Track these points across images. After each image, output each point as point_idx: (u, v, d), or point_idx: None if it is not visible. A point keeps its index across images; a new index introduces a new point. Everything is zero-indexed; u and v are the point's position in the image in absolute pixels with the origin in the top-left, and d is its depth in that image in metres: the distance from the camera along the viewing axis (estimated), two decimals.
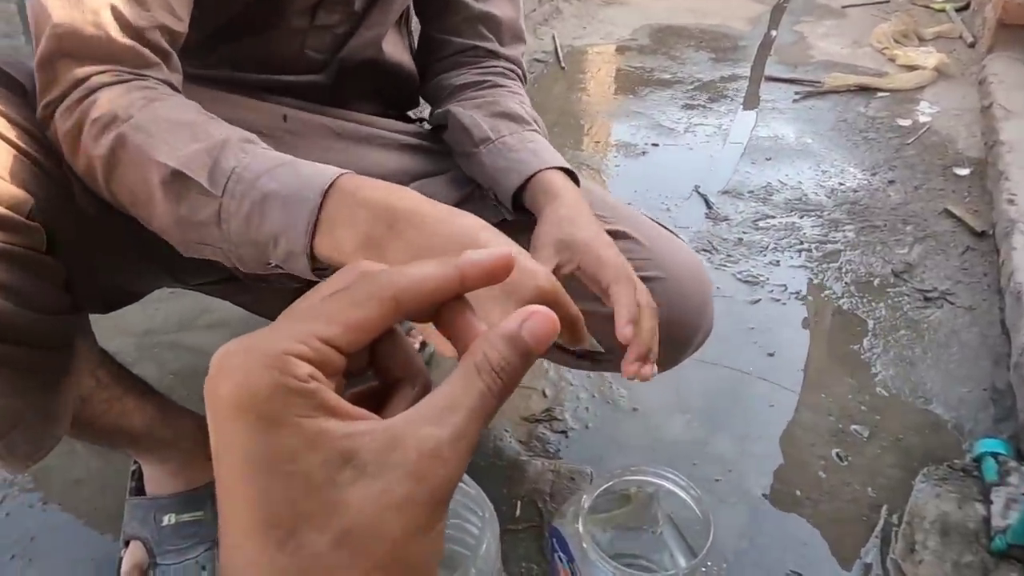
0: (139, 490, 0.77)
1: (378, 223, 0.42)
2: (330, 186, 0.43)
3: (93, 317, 0.64)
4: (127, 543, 0.73)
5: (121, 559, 0.73)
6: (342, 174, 0.44)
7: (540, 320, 0.23)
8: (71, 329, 0.57)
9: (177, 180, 0.46)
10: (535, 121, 0.68)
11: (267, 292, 0.84)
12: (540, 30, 2.83)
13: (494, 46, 0.72)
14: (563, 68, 2.45)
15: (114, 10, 0.49)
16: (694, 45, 2.72)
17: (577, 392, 1.00)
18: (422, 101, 0.79)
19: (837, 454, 0.90)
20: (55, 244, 0.53)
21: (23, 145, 0.51)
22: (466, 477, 0.59)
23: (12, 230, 0.48)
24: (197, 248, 0.49)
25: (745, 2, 3.46)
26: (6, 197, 0.48)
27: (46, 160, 0.52)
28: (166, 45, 0.52)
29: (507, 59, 0.73)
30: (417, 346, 1.04)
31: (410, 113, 0.79)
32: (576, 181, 0.64)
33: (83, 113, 0.48)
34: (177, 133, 0.47)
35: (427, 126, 0.75)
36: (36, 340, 0.51)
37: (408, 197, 0.43)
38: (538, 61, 2.52)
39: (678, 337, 0.66)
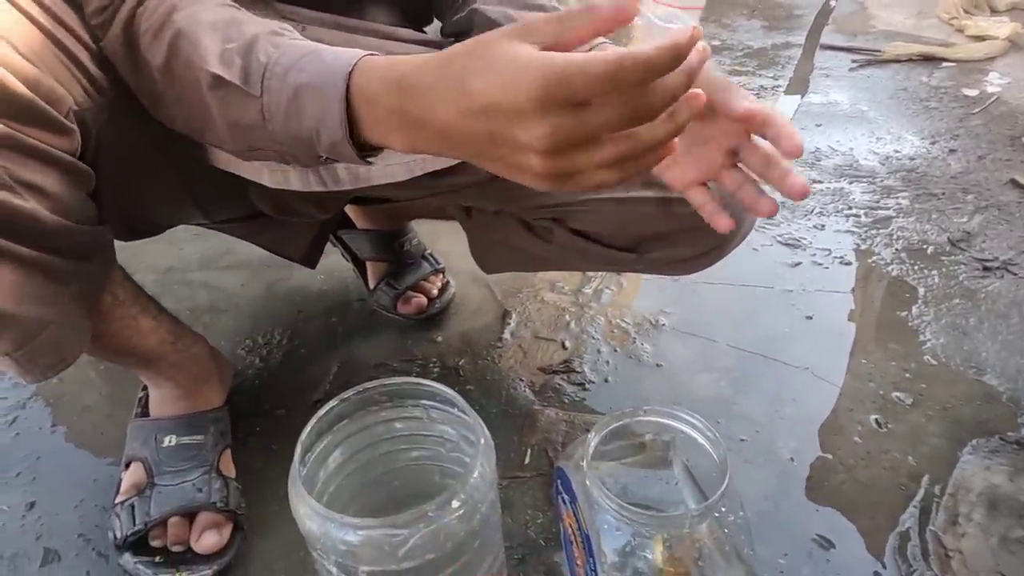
0: (143, 415, 0.77)
1: (401, 97, 0.40)
2: (353, 69, 0.41)
3: (123, 251, 0.63)
4: (128, 465, 0.72)
5: (121, 480, 0.72)
6: (364, 56, 0.42)
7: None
8: (98, 241, 0.56)
9: (219, 85, 0.45)
10: None
11: (288, 230, 0.82)
12: None
13: None
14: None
15: None
16: (746, 14, 2.61)
17: (598, 345, 0.95)
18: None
19: (876, 420, 0.83)
20: (86, 151, 0.52)
21: (66, 43, 0.50)
22: (465, 406, 0.55)
23: (50, 128, 0.47)
24: (254, 154, 0.49)
25: None
26: (45, 91, 0.47)
27: (91, 65, 0.51)
28: None
29: None
30: (436, 291, 1.00)
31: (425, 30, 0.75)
32: None
33: (136, 18, 0.48)
34: (214, 35, 0.46)
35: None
36: (66, 248, 0.51)
37: (415, 65, 0.40)
38: None
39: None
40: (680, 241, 0.68)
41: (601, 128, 0.36)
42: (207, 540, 0.67)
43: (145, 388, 0.80)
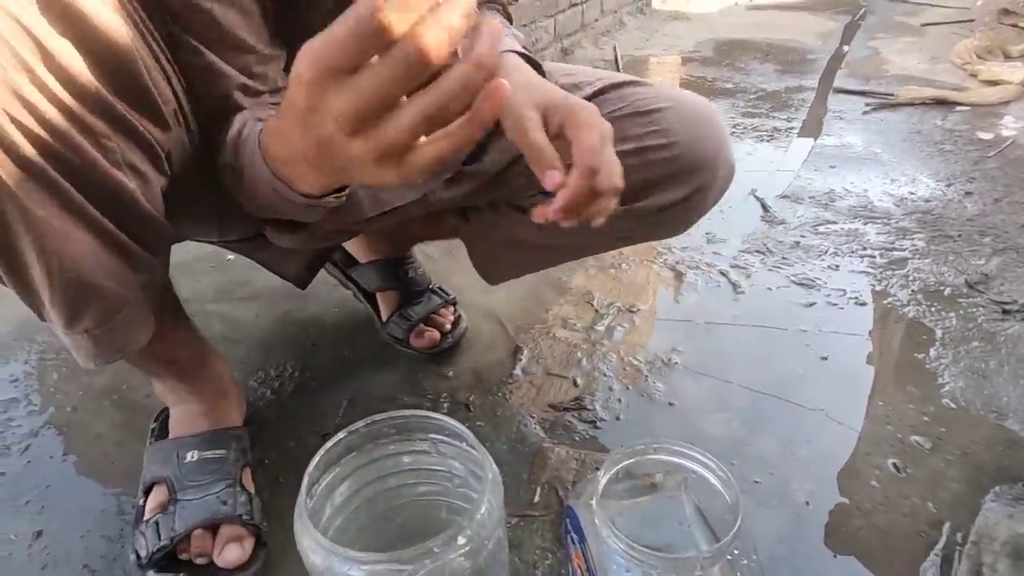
0: (159, 440, 0.77)
1: (276, 144, 0.47)
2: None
3: None
4: (148, 489, 0.72)
5: (140, 507, 0.71)
6: (260, 132, 0.49)
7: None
8: (167, 239, 0.60)
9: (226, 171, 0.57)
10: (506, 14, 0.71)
11: (287, 249, 0.83)
12: (601, 40, 2.81)
13: None
14: None
15: None
16: (760, 58, 2.65)
17: (610, 383, 0.94)
18: None
19: (894, 464, 0.81)
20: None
21: (168, 70, 0.55)
22: (474, 441, 0.55)
23: (158, 123, 0.52)
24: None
25: (817, 19, 3.36)
26: (160, 91, 0.51)
27: (183, 96, 0.56)
28: None
29: None
30: (449, 326, 1.01)
31: None
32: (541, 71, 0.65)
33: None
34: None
35: None
36: (147, 238, 0.54)
37: (279, 132, 0.46)
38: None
39: (699, 162, 0.68)
40: (661, 186, 0.69)
41: (380, 86, 0.36)
42: (230, 554, 0.67)
43: (157, 418, 0.80)
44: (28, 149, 0.43)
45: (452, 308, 1.04)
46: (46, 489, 0.80)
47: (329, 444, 0.53)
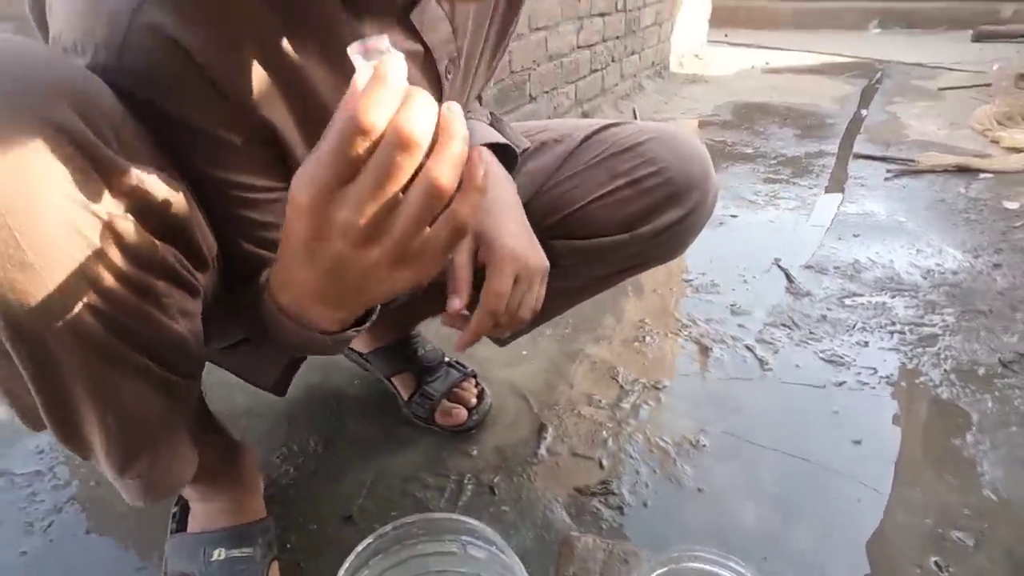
0: (180, 530, 0.76)
1: (285, 286, 0.47)
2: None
3: None
4: None
5: None
6: (266, 288, 0.50)
7: None
8: (203, 361, 0.59)
9: None
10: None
11: (263, 356, 0.83)
12: (621, 104, 2.86)
13: None
14: None
15: None
16: (778, 122, 2.68)
17: (637, 466, 0.93)
18: None
19: (936, 563, 0.78)
20: None
21: (202, 224, 0.55)
22: (503, 545, 0.54)
23: (203, 268, 0.52)
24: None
25: (834, 82, 3.41)
26: (211, 242, 0.53)
27: (213, 241, 0.56)
28: None
29: None
30: (474, 400, 1.00)
31: None
32: (513, 159, 0.71)
33: None
34: None
35: None
36: (190, 370, 0.54)
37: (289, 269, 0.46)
38: None
39: (691, 182, 0.74)
40: (659, 210, 0.74)
41: (376, 182, 0.36)
42: None
43: (178, 501, 0.79)
44: (97, 329, 0.43)
45: (474, 380, 1.03)
46: (69, 569, 0.79)
47: (359, 548, 0.53)
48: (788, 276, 1.43)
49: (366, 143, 0.36)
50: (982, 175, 2.01)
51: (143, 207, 0.45)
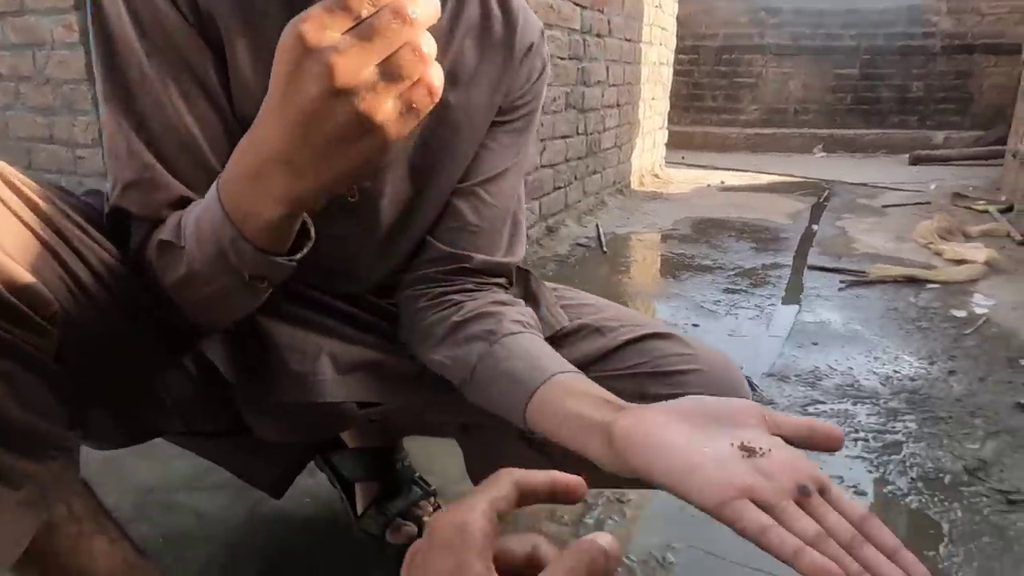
0: None
1: (240, 155, 0.46)
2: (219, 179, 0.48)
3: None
4: None
5: None
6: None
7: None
8: (60, 444, 0.53)
9: (162, 248, 0.54)
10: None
11: (260, 455, 0.80)
12: (584, 219, 2.97)
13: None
14: (605, 252, 2.53)
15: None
16: (735, 236, 2.80)
17: None
18: None
19: None
20: (68, 358, 0.52)
21: (57, 249, 0.53)
22: None
23: (31, 329, 0.49)
24: (200, 309, 0.56)
25: (785, 200, 3.60)
26: (30, 294, 0.49)
27: (80, 269, 0.54)
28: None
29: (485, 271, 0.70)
30: (427, 520, 0.95)
31: None
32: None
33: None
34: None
35: None
36: (23, 445, 0.49)
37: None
38: (580, 245, 2.61)
39: None
40: (669, 380, 0.66)
41: (364, 35, 0.38)
42: None
43: None
44: None
45: (432, 499, 0.98)
46: None
47: None
48: (751, 384, 1.43)
49: (371, 7, 0.38)
50: (929, 285, 2.09)
51: None
